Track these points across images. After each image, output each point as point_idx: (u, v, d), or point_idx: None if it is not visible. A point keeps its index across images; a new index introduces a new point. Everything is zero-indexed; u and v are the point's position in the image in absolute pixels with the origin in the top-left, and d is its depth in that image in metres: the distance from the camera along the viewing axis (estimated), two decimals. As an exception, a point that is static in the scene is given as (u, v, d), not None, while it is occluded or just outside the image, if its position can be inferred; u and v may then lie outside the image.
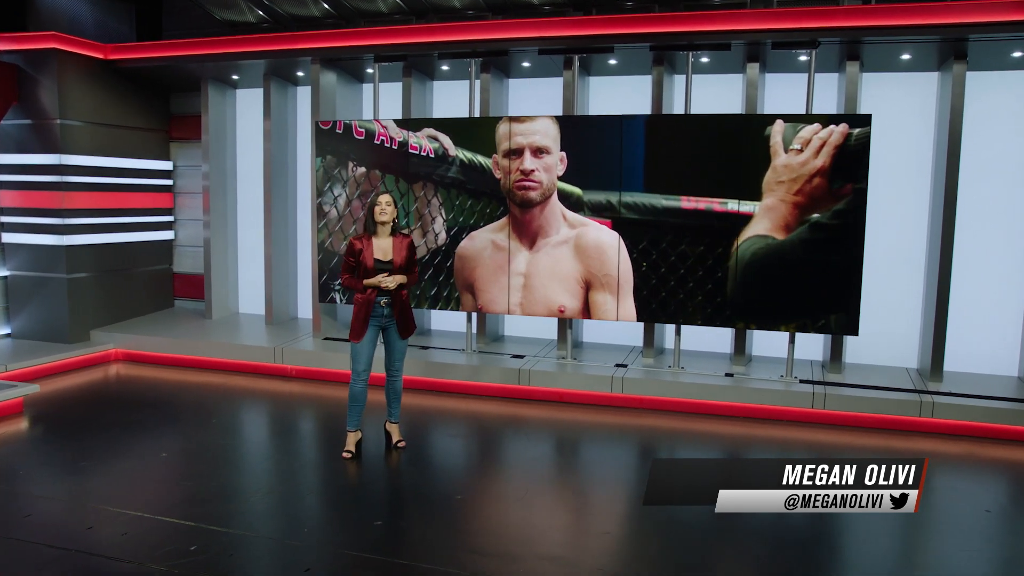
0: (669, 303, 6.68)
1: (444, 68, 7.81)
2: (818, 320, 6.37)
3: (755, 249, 6.37)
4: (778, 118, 6.23)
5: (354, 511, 4.60)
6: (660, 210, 6.56)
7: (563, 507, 4.79)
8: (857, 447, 5.85)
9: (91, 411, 6.49)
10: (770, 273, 6.37)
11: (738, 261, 6.43)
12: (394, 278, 5.19)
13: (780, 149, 6.20)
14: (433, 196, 7.24)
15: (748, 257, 6.39)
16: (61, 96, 7.84)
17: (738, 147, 6.35)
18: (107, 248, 8.57)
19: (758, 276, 6.40)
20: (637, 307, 6.76)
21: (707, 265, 6.52)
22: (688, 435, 6.14)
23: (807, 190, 6.19)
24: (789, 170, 6.19)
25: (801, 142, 6.14)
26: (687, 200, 6.49)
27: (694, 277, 6.57)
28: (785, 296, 6.39)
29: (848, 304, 6.27)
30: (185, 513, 4.40)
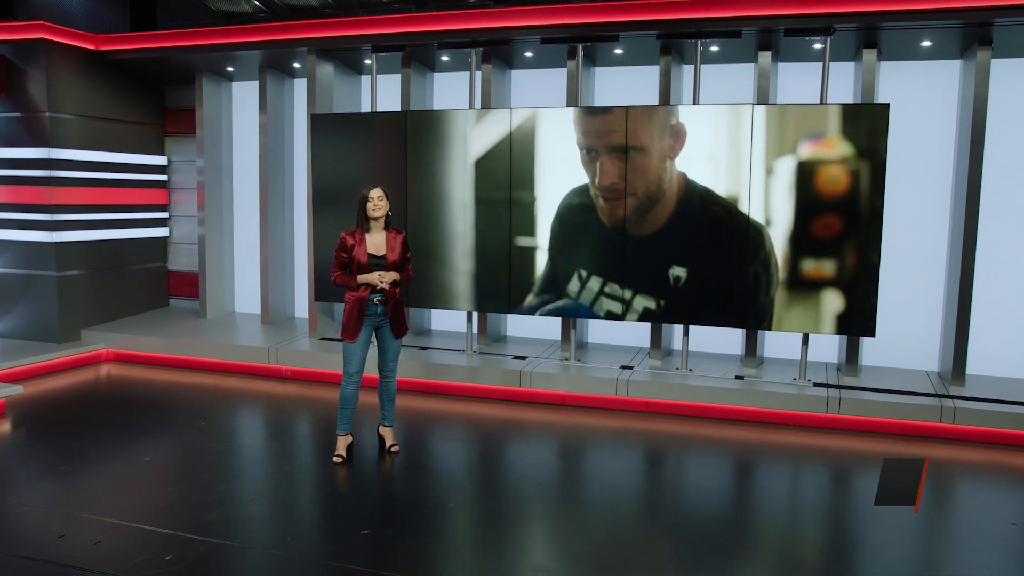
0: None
1: (444, 59, 7.66)
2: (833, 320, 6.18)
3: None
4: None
5: (341, 519, 4.45)
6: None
7: (563, 515, 4.61)
8: (874, 454, 5.64)
9: (77, 413, 6.38)
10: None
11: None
12: (390, 275, 5.05)
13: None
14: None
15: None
16: (50, 88, 7.73)
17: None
18: (99, 245, 8.47)
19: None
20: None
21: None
22: (696, 440, 5.95)
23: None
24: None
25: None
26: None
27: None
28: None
29: (864, 303, 6.08)
30: (163, 520, 4.26)
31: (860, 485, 5.21)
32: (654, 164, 6.41)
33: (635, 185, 6.46)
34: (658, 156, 6.40)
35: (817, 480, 5.34)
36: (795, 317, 6.26)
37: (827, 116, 6.01)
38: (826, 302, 6.18)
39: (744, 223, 6.25)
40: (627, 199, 6.49)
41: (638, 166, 6.44)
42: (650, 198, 6.45)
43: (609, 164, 6.49)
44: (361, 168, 7.29)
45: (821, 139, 6.03)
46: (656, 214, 6.46)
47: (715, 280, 6.38)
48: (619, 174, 6.48)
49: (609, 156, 6.50)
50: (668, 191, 6.40)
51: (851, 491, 5.19)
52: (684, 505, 4.83)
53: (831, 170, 6.03)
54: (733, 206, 6.27)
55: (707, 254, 6.37)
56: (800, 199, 6.12)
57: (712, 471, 5.43)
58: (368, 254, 5.03)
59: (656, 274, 6.50)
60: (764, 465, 5.58)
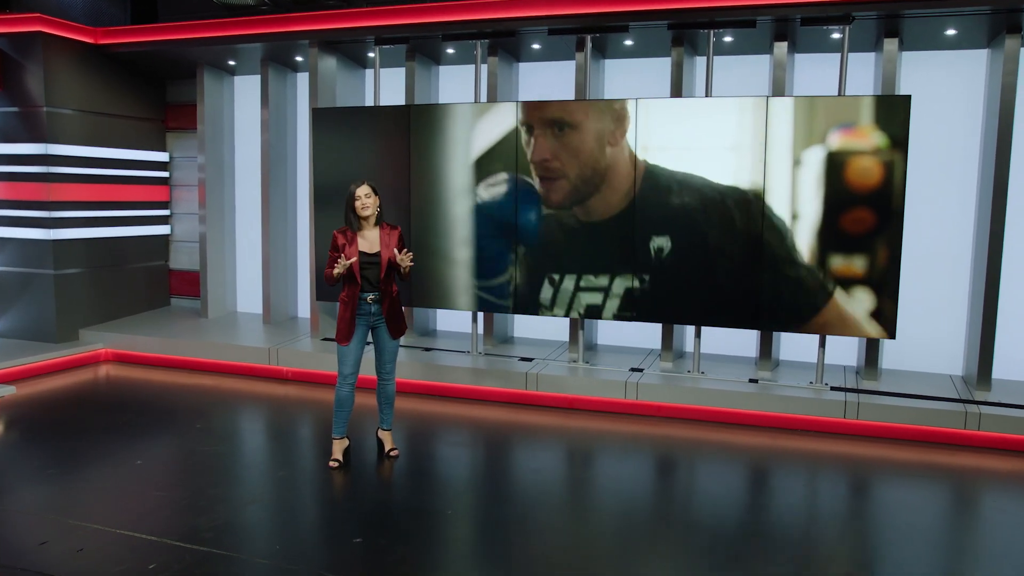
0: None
1: (450, 51, 7.54)
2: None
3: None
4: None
5: (334, 527, 4.33)
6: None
7: (566, 525, 4.47)
8: (894, 462, 5.46)
9: (70, 414, 6.30)
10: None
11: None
12: (352, 260, 4.86)
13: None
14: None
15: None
16: (47, 82, 7.67)
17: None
18: (98, 243, 8.40)
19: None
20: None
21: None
22: (708, 446, 5.79)
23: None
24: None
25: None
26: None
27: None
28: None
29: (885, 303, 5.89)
30: (150, 527, 4.16)
31: (880, 494, 5.04)
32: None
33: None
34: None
35: (835, 489, 5.16)
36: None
37: (847, 108, 5.82)
38: (844, 302, 5.99)
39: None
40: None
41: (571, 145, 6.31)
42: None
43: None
44: (364, 164, 7.18)
45: (849, 130, 5.83)
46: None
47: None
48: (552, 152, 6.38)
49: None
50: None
51: (870, 500, 5.00)
52: (695, 514, 4.67)
53: (850, 166, 5.85)
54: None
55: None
56: (821, 194, 5.94)
57: (725, 479, 5.26)
58: (360, 250, 4.91)
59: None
60: (779, 473, 5.41)
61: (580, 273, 6.56)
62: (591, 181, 6.43)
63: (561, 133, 6.46)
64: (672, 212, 6.25)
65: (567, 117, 6.44)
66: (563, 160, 6.48)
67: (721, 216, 6.14)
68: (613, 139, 6.33)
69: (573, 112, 6.44)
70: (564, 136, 6.46)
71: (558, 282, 6.61)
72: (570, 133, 6.44)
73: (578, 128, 6.42)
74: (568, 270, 6.59)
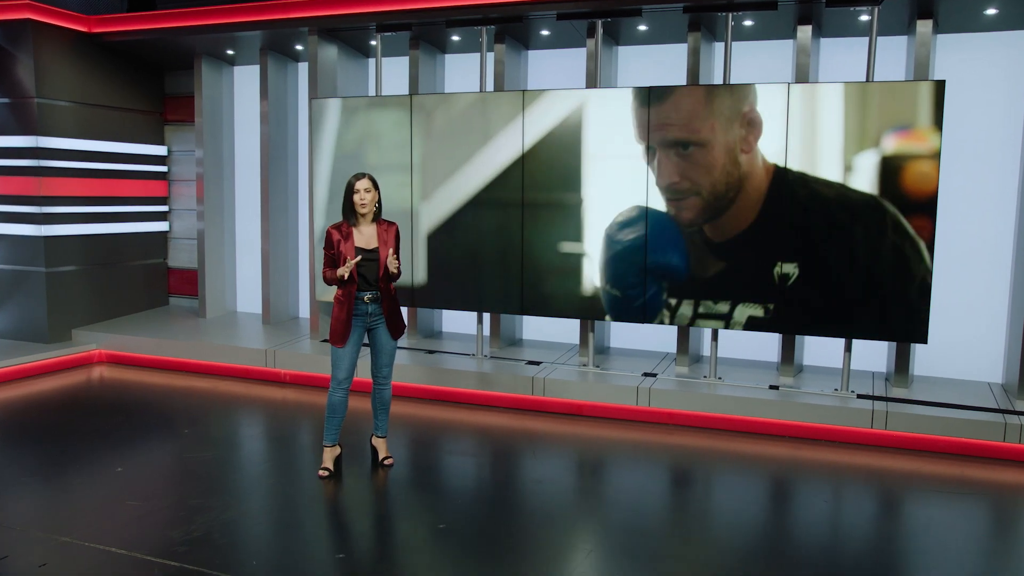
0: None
1: (455, 39, 7.34)
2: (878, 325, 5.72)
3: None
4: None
5: (318, 540, 4.14)
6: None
7: (568, 541, 4.24)
8: (926, 476, 5.18)
9: (57, 418, 6.17)
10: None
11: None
12: (354, 261, 4.68)
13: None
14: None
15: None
16: (38, 72, 7.57)
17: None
18: (93, 240, 8.30)
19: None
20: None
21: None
22: (726, 457, 5.54)
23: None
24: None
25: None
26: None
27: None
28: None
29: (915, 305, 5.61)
30: (121, 539, 3.99)
31: (910, 512, 4.78)
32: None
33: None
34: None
35: (861, 505, 4.89)
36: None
37: (870, 95, 5.55)
38: (871, 304, 5.72)
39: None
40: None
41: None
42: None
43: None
44: (365, 157, 7.00)
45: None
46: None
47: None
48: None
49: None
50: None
51: (900, 519, 4.74)
52: (711, 531, 4.42)
53: (876, 156, 5.57)
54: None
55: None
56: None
57: (743, 492, 5.00)
58: (357, 247, 4.75)
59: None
60: (801, 486, 5.15)
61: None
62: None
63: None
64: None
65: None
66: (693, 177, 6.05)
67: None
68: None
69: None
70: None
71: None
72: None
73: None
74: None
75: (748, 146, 5.82)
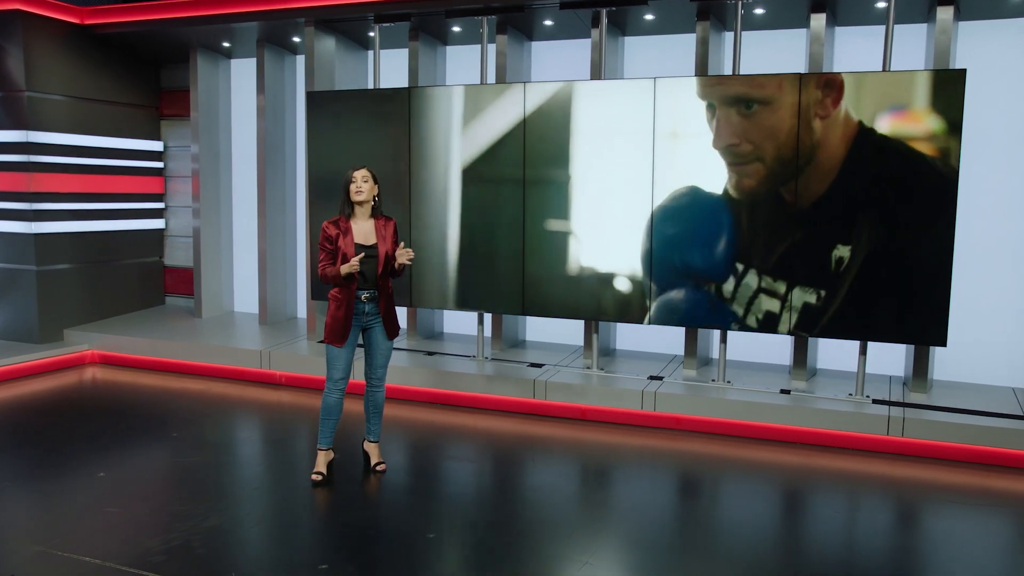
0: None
1: (456, 30, 7.22)
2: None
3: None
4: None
5: (301, 550, 4.00)
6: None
7: (562, 552, 4.09)
8: (945, 486, 5.00)
9: (43, 421, 6.08)
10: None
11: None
12: (351, 263, 4.53)
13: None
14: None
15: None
16: (28, 65, 7.49)
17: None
18: (86, 237, 8.22)
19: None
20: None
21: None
22: (734, 464, 5.37)
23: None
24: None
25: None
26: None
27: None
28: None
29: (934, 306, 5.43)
30: (97, 548, 3.87)
31: (929, 523, 4.62)
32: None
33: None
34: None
35: (878, 516, 4.71)
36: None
37: (889, 85, 5.37)
38: (888, 304, 5.54)
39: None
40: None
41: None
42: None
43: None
44: (362, 151, 6.86)
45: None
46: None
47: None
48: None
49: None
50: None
51: (918, 530, 4.58)
52: (720, 543, 4.25)
53: (892, 149, 5.40)
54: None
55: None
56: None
57: (753, 502, 4.83)
58: (356, 244, 4.64)
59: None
60: (813, 496, 4.99)
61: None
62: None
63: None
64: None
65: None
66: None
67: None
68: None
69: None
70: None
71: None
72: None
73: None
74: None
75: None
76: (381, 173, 5.15)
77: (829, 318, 5.67)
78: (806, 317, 5.73)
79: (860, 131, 5.44)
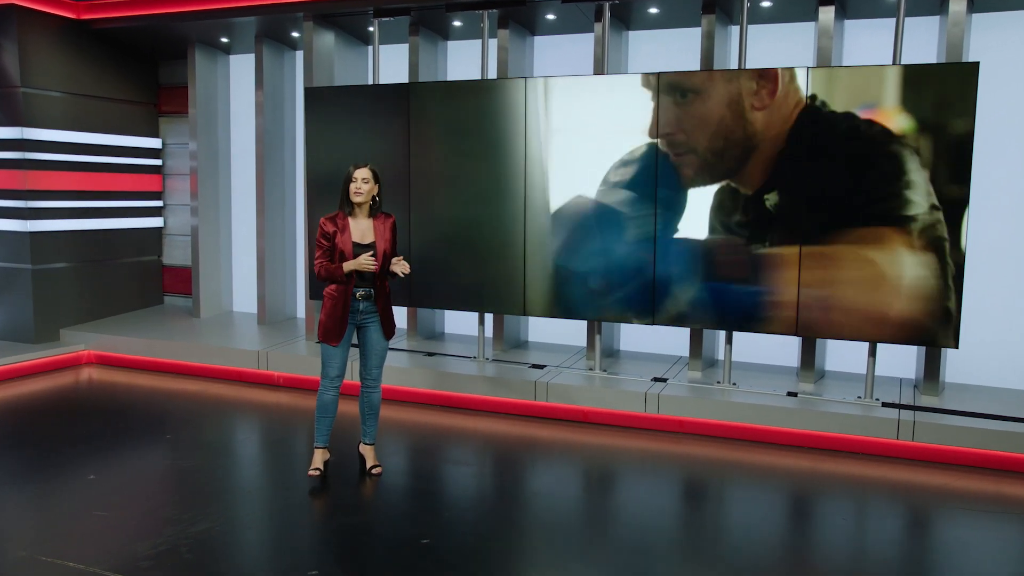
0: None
1: (457, 24, 7.14)
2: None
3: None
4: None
5: (291, 555, 3.93)
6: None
7: (561, 560, 4.01)
8: (957, 492, 4.89)
9: (36, 421, 6.04)
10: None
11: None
12: (366, 259, 4.57)
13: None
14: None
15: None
16: (23, 60, 7.44)
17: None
18: (82, 236, 8.17)
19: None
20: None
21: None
22: (739, 469, 5.27)
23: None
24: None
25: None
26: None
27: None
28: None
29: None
30: (81, 553, 3.81)
31: (940, 531, 4.53)
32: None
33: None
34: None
35: (887, 524, 4.61)
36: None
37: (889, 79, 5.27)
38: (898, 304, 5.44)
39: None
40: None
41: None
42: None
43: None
44: (361, 148, 6.79)
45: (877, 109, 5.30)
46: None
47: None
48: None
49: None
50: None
51: (929, 539, 4.48)
52: (722, 549, 4.16)
53: (902, 145, 5.29)
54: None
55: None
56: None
57: (757, 507, 4.74)
58: (354, 242, 4.60)
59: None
60: (821, 502, 4.89)
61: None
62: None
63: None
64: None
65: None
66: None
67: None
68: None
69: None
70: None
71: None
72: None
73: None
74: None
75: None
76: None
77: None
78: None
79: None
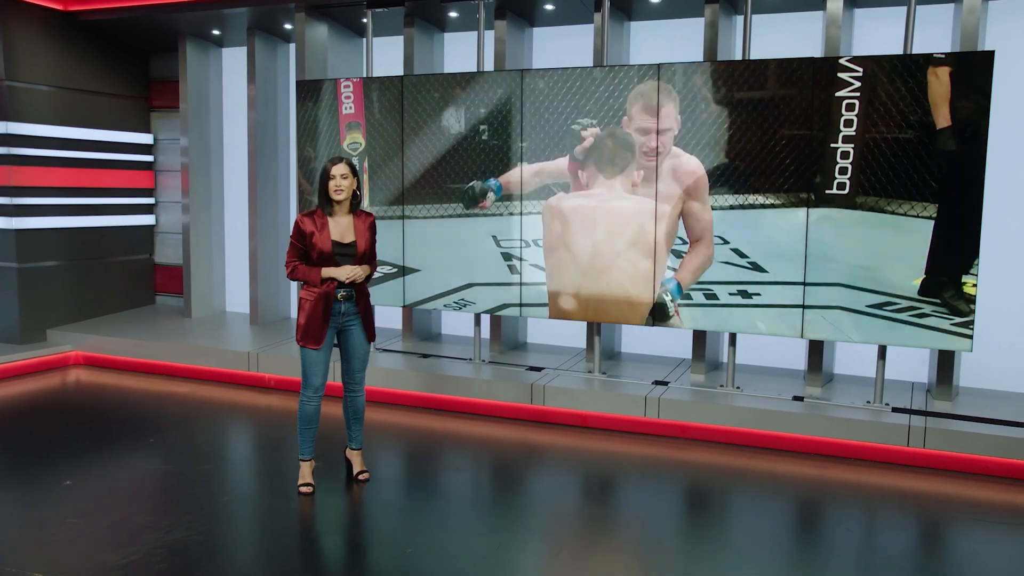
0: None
1: (453, 15, 7.02)
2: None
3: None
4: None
5: (268, 566, 3.82)
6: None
7: (551, 567, 3.87)
8: (970, 501, 4.74)
9: (19, 424, 5.94)
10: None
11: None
12: (362, 268, 4.52)
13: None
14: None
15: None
16: (7, 53, 7.35)
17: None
18: (71, 233, 8.09)
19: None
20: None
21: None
22: (743, 475, 5.13)
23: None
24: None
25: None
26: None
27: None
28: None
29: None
30: (48, 564, 3.70)
31: (952, 541, 4.39)
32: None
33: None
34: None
35: (897, 534, 4.46)
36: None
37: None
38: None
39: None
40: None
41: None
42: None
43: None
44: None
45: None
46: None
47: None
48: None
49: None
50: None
51: (940, 549, 4.33)
52: (725, 559, 4.02)
53: (912, 141, 5.15)
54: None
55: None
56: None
57: (762, 516, 4.59)
58: (333, 241, 4.45)
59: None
60: (828, 510, 4.74)
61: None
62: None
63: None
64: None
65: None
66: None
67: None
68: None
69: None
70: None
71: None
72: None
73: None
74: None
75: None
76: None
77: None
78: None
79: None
